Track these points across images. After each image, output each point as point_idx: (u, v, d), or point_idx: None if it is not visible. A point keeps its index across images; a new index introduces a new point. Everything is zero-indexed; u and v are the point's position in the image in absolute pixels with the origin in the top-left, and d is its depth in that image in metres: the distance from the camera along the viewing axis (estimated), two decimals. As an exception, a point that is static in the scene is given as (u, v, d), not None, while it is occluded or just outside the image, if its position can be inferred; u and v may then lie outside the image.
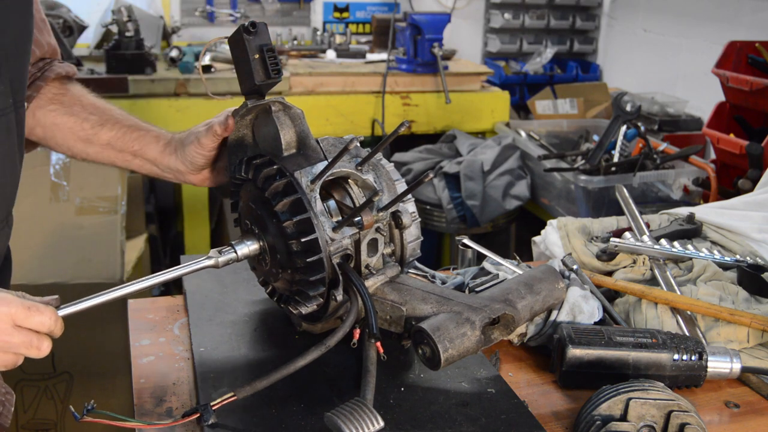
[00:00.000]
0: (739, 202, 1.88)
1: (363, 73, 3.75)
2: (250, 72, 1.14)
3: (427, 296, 1.16)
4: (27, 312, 0.98)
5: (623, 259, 1.64)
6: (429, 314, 1.14)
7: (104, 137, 1.35)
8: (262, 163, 1.17)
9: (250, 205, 1.18)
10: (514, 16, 4.64)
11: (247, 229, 1.20)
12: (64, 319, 1.04)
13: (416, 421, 1.09)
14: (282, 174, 1.14)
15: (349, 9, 4.77)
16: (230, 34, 1.17)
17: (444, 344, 1.07)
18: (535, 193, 3.54)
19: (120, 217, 2.72)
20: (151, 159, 1.34)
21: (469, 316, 1.11)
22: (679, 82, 4.11)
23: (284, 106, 1.19)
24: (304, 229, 1.11)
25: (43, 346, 1.01)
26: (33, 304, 1.00)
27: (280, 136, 1.17)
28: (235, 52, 1.16)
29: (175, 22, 4.36)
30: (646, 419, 1.03)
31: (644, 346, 1.22)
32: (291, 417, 1.09)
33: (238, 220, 1.27)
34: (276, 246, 1.15)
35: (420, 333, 1.09)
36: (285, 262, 1.15)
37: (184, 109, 3.44)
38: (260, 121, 1.22)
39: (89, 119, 1.36)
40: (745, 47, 3.14)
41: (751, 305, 1.46)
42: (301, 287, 1.15)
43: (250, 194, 1.19)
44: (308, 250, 1.12)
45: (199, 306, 1.40)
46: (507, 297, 1.19)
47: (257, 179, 1.15)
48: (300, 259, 1.12)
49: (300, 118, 1.18)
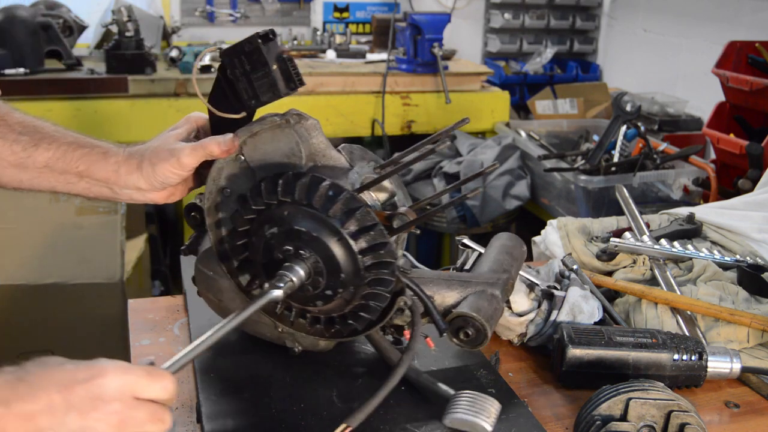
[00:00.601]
0: (739, 202, 1.88)
1: (363, 73, 3.75)
2: (271, 83, 1.08)
3: (450, 283, 1.18)
4: (149, 379, 0.82)
5: (623, 259, 1.64)
6: (458, 299, 1.16)
7: (40, 159, 1.15)
8: (313, 181, 1.05)
9: (297, 229, 1.06)
10: (514, 16, 4.64)
11: (293, 255, 1.07)
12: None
13: (416, 421, 1.09)
14: (337, 189, 1.05)
15: (349, 9, 4.77)
16: (224, 49, 1.09)
17: (490, 322, 1.11)
18: (535, 193, 3.54)
19: (120, 217, 2.72)
20: (103, 179, 1.15)
21: (492, 291, 1.17)
22: (679, 82, 4.11)
23: (301, 117, 1.12)
24: (377, 245, 1.05)
25: (167, 418, 0.84)
26: (151, 369, 0.84)
27: (300, 150, 1.10)
28: (242, 67, 1.08)
29: (175, 22, 4.35)
30: (646, 419, 1.03)
31: (644, 346, 1.22)
32: (291, 417, 1.09)
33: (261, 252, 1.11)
34: (338, 265, 1.06)
35: (462, 318, 1.12)
36: (349, 280, 1.07)
37: (185, 109, 3.44)
38: (263, 138, 1.12)
39: (19, 140, 1.15)
40: (745, 47, 3.14)
41: (751, 305, 1.46)
42: (365, 302, 1.10)
43: (291, 216, 1.07)
44: (380, 264, 1.06)
45: (199, 306, 1.40)
46: (503, 267, 1.25)
47: (312, 200, 1.05)
48: (371, 273, 1.07)
49: (318, 129, 1.12)
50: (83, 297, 2.58)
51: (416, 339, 1.11)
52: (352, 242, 1.04)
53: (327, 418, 1.09)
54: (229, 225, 1.15)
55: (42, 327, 2.58)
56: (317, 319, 1.16)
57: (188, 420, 1.12)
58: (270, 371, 1.21)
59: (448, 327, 1.13)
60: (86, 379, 0.78)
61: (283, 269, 1.05)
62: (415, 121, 3.80)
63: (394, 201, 1.16)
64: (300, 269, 1.05)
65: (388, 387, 1.05)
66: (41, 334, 2.57)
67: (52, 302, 2.56)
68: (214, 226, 1.17)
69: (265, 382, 1.18)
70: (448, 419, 1.05)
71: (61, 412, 0.76)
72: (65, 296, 2.56)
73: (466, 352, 1.29)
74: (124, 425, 0.79)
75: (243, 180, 1.13)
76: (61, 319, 2.57)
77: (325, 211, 1.04)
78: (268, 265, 1.09)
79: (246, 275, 1.17)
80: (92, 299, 2.59)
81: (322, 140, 1.12)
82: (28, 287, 2.54)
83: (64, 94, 3.28)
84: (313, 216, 1.05)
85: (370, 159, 1.18)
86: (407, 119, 3.80)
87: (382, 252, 1.05)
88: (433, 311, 1.14)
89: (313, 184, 1.04)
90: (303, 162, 1.10)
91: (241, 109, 1.11)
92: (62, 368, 0.79)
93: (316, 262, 1.06)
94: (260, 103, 1.10)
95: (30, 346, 2.58)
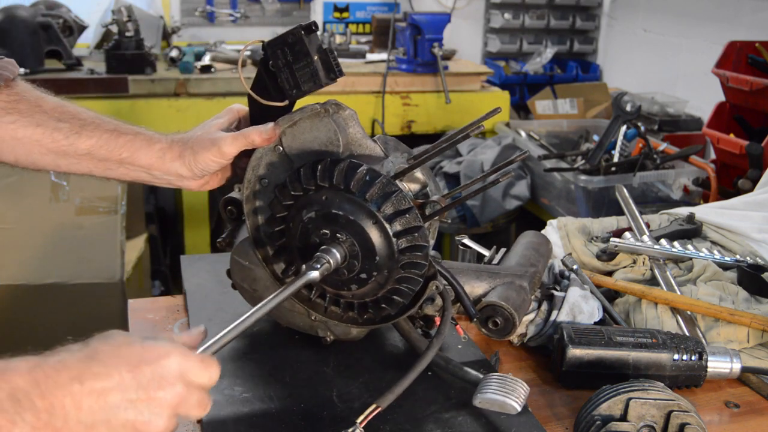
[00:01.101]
0: (739, 202, 1.88)
1: (363, 73, 3.75)
2: (312, 73, 1.11)
3: (479, 274, 1.23)
4: (202, 366, 0.84)
5: (623, 259, 1.64)
6: (487, 290, 1.22)
7: (83, 146, 1.17)
8: (351, 167, 1.08)
9: (334, 213, 1.09)
10: (514, 16, 4.64)
11: (329, 238, 1.10)
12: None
13: (416, 422, 1.09)
14: (374, 174, 1.08)
15: (349, 9, 4.77)
16: (268, 41, 1.12)
17: (518, 312, 1.16)
18: (535, 193, 3.54)
19: (120, 217, 2.73)
20: (145, 166, 1.19)
21: (520, 283, 1.22)
22: (679, 82, 4.11)
23: (339, 107, 1.15)
24: (411, 228, 1.08)
25: (209, 404, 0.86)
26: (205, 357, 0.86)
27: (338, 139, 1.13)
28: (284, 58, 1.11)
29: (175, 22, 4.36)
30: (646, 419, 1.03)
31: (644, 346, 1.22)
32: (291, 417, 1.09)
33: (297, 237, 1.13)
34: (373, 248, 1.08)
35: (491, 307, 1.16)
36: (383, 263, 1.10)
37: (184, 109, 3.44)
38: (302, 127, 1.15)
39: (60, 128, 1.18)
40: (745, 47, 3.14)
41: (751, 305, 1.46)
42: (399, 285, 1.12)
43: (328, 201, 1.10)
44: (414, 247, 1.09)
45: (199, 306, 1.40)
46: (530, 262, 1.31)
47: (350, 184, 1.07)
48: (405, 257, 1.09)
49: (354, 119, 1.16)
50: (83, 297, 2.58)
51: (447, 323, 1.14)
52: (387, 225, 1.07)
53: (327, 418, 1.09)
54: (266, 213, 1.19)
55: (42, 327, 2.58)
56: (350, 305, 1.19)
57: (188, 420, 1.12)
58: (270, 371, 1.21)
59: (478, 313, 1.17)
60: (153, 359, 0.81)
61: (319, 252, 1.08)
62: (415, 121, 3.80)
63: (426, 191, 1.18)
64: (336, 252, 1.08)
65: (419, 368, 1.08)
66: (41, 334, 2.57)
67: (52, 302, 2.56)
68: (252, 214, 1.21)
69: (264, 383, 1.18)
70: (478, 399, 1.07)
71: (131, 390, 0.79)
72: (65, 296, 2.56)
73: (466, 351, 1.29)
74: (180, 406, 0.82)
75: (281, 169, 1.17)
76: (61, 319, 2.57)
77: (362, 195, 1.07)
78: (305, 249, 1.12)
79: (281, 263, 1.21)
80: (92, 299, 2.59)
81: (358, 130, 1.16)
82: (28, 287, 2.54)
83: (64, 94, 3.26)
84: (350, 200, 1.08)
85: (404, 150, 1.21)
86: (407, 119, 3.80)
87: (416, 234, 1.08)
88: (463, 297, 1.18)
89: (351, 170, 1.08)
90: (340, 151, 1.13)
91: (282, 99, 1.15)
92: (130, 347, 0.82)
93: (352, 245, 1.09)
94: (301, 93, 1.14)
95: (30, 346, 2.58)
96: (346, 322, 1.22)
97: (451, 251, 3.94)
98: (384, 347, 1.30)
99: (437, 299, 1.19)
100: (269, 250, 1.21)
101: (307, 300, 1.21)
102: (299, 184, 1.10)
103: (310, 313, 1.24)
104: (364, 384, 1.18)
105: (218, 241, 1.32)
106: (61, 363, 0.79)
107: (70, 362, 0.79)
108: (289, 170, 1.15)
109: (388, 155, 1.16)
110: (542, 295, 1.36)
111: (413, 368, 1.08)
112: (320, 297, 1.20)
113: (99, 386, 0.78)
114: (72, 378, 0.77)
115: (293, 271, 1.16)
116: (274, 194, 1.14)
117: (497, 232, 3.61)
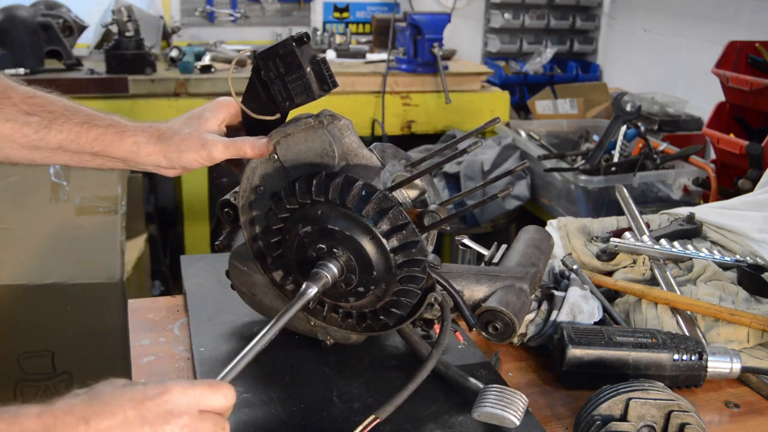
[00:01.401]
0: (739, 202, 1.88)
1: (363, 73, 3.75)
2: (305, 85, 1.09)
3: (479, 277, 1.21)
4: (212, 390, 0.85)
5: (623, 259, 1.64)
6: (487, 293, 1.20)
7: (53, 141, 1.15)
8: (346, 181, 1.07)
9: (330, 228, 1.08)
10: (514, 16, 4.64)
11: (326, 252, 1.09)
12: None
13: (417, 421, 1.09)
14: (370, 189, 1.06)
15: (349, 9, 4.77)
16: (259, 52, 1.10)
17: (518, 316, 1.15)
18: (535, 193, 3.54)
19: (120, 217, 2.72)
20: (119, 158, 1.17)
21: (520, 285, 1.21)
22: (679, 82, 4.11)
23: (334, 118, 1.13)
24: (409, 243, 1.07)
25: (227, 427, 0.87)
26: (213, 381, 0.87)
27: (333, 150, 1.11)
28: (276, 69, 1.09)
29: (175, 22, 4.36)
30: (646, 419, 1.03)
31: (644, 346, 1.22)
32: (291, 417, 1.09)
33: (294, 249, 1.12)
34: (370, 263, 1.08)
35: (491, 312, 1.16)
36: (381, 277, 1.09)
37: (185, 109, 3.38)
38: (297, 139, 1.13)
39: (29, 122, 1.15)
40: (745, 47, 3.14)
41: (751, 305, 1.46)
42: (397, 298, 1.11)
43: (324, 216, 1.08)
44: (411, 262, 1.08)
45: (199, 306, 1.40)
46: (531, 261, 1.29)
47: (345, 200, 1.06)
48: (403, 271, 1.08)
49: (350, 129, 1.14)
50: (83, 297, 2.58)
51: (446, 333, 1.14)
52: (384, 241, 1.06)
53: (327, 418, 1.09)
54: (262, 223, 1.17)
55: (42, 327, 2.58)
56: (349, 314, 1.18)
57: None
58: (269, 372, 1.21)
59: (477, 323, 1.17)
60: (156, 395, 0.82)
61: (316, 267, 1.07)
62: (415, 121, 3.80)
63: (424, 198, 1.18)
64: (333, 267, 1.07)
65: (419, 380, 1.07)
66: (41, 334, 2.57)
67: (52, 302, 2.56)
68: (248, 224, 1.19)
69: (264, 383, 1.18)
70: (476, 413, 1.07)
71: (136, 426, 0.80)
72: (65, 296, 2.56)
73: (466, 351, 1.29)
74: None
75: (276, 179, 1.15)
76: (61, 319, 2.57)
77: (359, 211, 1.06)
78: (302, 262, 1.11)
79: (279, 271, 1.20)
80: (92, 299, 2.59)
81: (354, 140, 1.14)
82: (28, 287, 2.54)
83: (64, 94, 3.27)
84: (346, 215, 1.07)
85: (402, 157, 1.20)
86: (407, 119, 3.80)
87: (413, 250, 1.07)
88: (462, 307, 1.17)
89: (347, 185, 1.06)
90: (335, 161, 1.12)
91: (275, 110, 1.13)
92: (133, 387, 0.83)
93: (349, 260, 1.08)
94: (294, 105, 1.12)
95: (30, 346, 2.59)
96: (345, 329, 1.22)
97: (451, 251, 3.94)
98: (384, 347, 1.30)
99: (437, 305, 1.19)
100: (267, 259, 1.20)
101: (306, 308, 1.19)
102: (294, 198, 1.09)
103: (309, 318, 1.24)
104: (364, 384, 1.19)
105: (216, 243, 1.32)
106: (67, 405, 0.80)
107: (76, 405, 0.80)
108: (285, 178, 1.14)
109: (385, 164, 1.14)
110: (542, 295, 1.36)
111: (413, 379, 1.07)
112: (319, 305, 1.19)
113: (104, 425, 0.79)
114: (78, 419, 0.78)
115: (291, 280, 1.16)
116: (270, 205, 1.13)
117: (497, 232, 3.60)
